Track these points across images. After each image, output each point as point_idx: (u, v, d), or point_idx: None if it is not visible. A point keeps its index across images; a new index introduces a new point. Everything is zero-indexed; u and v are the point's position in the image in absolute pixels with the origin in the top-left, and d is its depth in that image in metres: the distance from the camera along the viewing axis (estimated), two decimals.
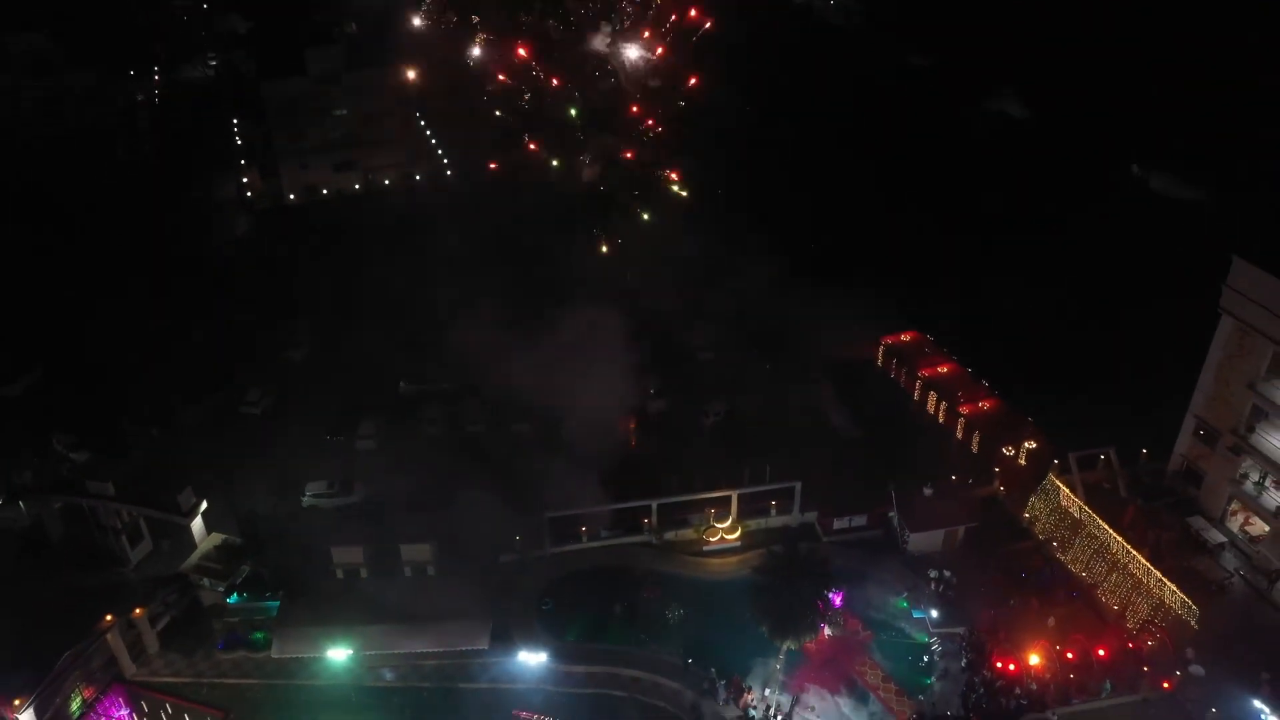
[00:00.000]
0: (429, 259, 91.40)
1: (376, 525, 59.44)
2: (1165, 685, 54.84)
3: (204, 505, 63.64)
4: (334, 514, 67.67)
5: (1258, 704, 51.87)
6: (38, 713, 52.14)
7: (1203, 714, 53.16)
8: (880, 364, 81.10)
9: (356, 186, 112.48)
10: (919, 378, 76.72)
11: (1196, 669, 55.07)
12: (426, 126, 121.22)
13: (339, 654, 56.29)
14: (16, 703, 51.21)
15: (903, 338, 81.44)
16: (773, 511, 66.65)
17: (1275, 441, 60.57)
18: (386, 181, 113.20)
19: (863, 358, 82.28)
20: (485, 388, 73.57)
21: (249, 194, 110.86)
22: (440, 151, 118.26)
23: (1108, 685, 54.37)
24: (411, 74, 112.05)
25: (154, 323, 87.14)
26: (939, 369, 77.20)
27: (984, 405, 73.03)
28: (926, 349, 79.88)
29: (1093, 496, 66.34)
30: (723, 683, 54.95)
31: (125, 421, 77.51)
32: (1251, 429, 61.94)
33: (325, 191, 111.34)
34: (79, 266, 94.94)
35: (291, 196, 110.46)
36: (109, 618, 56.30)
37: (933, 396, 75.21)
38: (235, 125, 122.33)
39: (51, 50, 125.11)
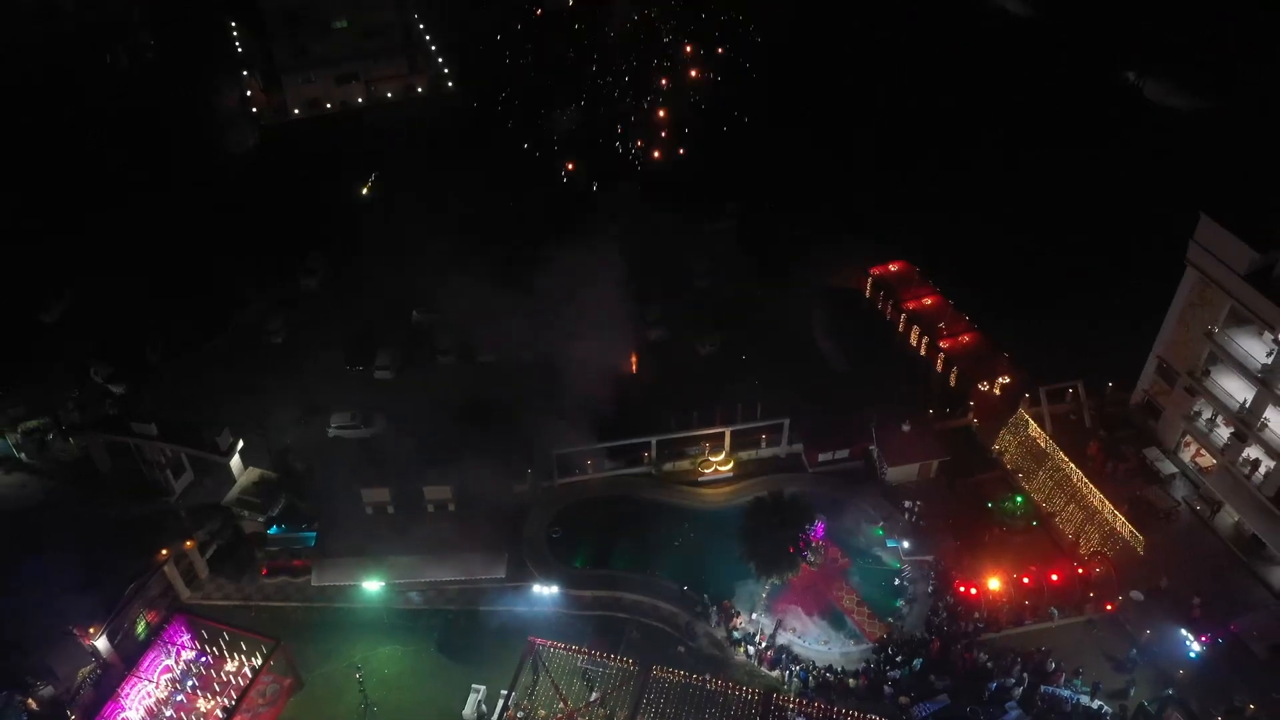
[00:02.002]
0: (430, 182, 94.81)
1: (400, 471, 65.00)
2: (1108, 608, 61.57)
3: (240, 444, 69.15)
4: (358, 445, 73.53)
5: (1183, 632, 58.57)
6: (109, 638, 59.04)
7: (1139, 634, 60.03)
8: (868, 295, 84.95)
9: (360, 99, 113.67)
10: (904, 310, 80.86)
11: (1136, 594, 61.62)
12: (426, 32, 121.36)
13: (373, 585, 62.88)
14: (92, 630, 58.06)
15: (890, 268, 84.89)
16: (763, 444, 72.17)
17: (1225, 385, 65.56)
18: (389, 94, 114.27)
19: (852, 287, 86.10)
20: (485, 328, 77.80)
21: (254, 109, 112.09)
22: (440, 60, 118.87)
23: (1054, 612, 60.97)
24: None
25: (168, 246, 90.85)
26: (923, 301, 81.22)
27: (963, 339, 77.43)
28: (913, 280, 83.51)
29: (1060, 427, 72.06)
30: (714, 608, 61.69)
31: (145, 351, 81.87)
32: (1206, 373, 66.82)
33: (329, 105, 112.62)
34: (90, 186, 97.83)
35: (296, 111, 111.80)
36: (165, 551, 62.70)
37: (915, 330, 79.57)
38: (234, 29, 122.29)
39: None
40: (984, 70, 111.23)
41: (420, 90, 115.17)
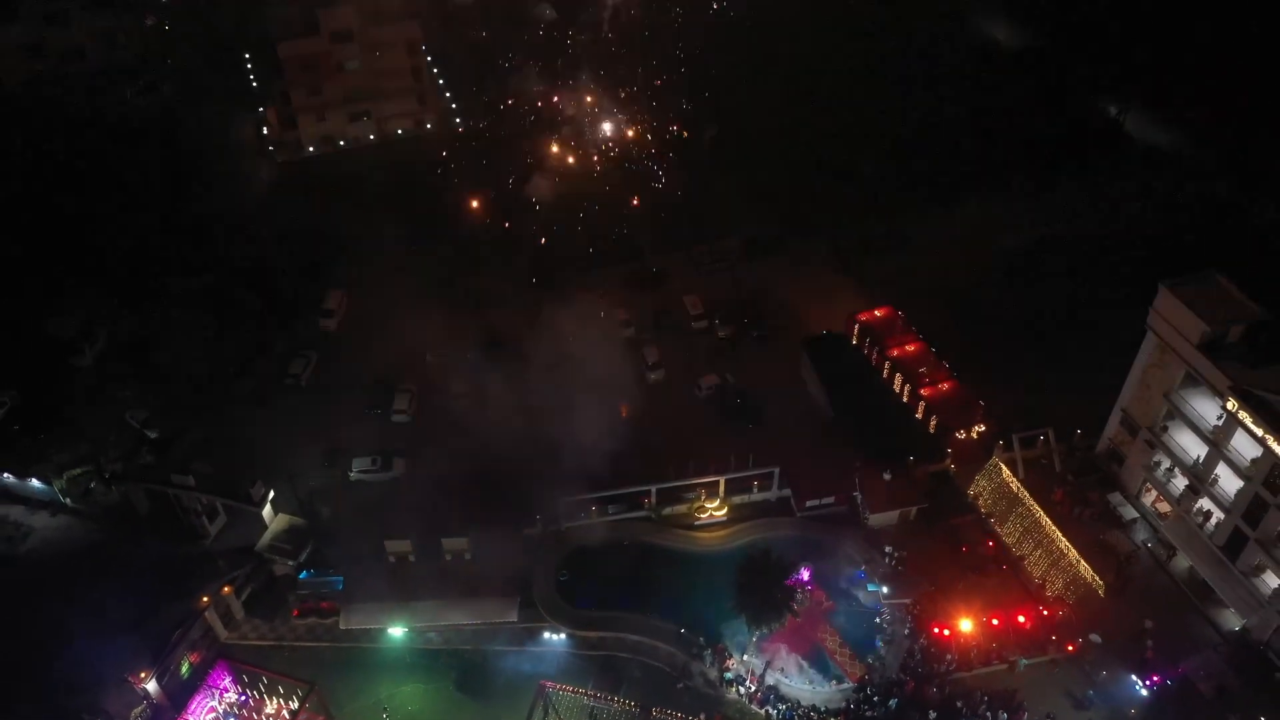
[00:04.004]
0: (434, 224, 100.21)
1: (420, 527, 70.70)
2: (1070, 649, 67.28)
3: (271, 494, 74.70)
4: (379, 488, 79.03)
5: (1134, 678, 64.30)
6: (158, 679, 64.90)
7: (1096, 675, 65.80)
8: (855, 341, 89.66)
9: (371, 136, 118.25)
10: (887, 357, 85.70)
11: (1095, 637, 67.33)
12: (434, 66, 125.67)
13: (396, 631, 68.70)
14: (143, 675, 63.92)
15: (876, 313, 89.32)
16: (755, 489, 77.61)
17: (1181, 441, 71.00)
18: (399, 131, 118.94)
19: (840, 333, 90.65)
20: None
21: (270, 147, 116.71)
22: (448, 94, 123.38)
23: (1023, 661, 66.55)
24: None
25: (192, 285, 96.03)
26: (906, 347, 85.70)
27: (943, 387, 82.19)
28: (897, 326, 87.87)
29: (1031, 471, 77.51)
30: (707, 651, 67.36)
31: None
32: (1164, 428, 72.24)
33: (342, 143, 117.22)
34: (114, 227, 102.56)
35: (310, 149, 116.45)
36: (205, 599, 68.50)
37: (899, 377, 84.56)
38: (249, 66, 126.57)
39: None
40: (974, 104, 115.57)
41: (429, 126, 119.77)
